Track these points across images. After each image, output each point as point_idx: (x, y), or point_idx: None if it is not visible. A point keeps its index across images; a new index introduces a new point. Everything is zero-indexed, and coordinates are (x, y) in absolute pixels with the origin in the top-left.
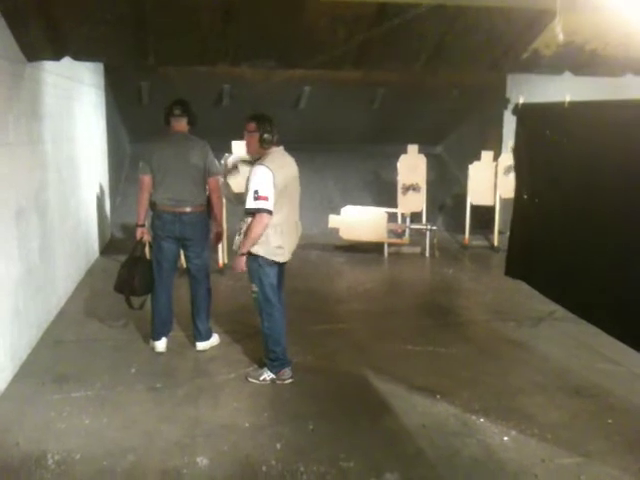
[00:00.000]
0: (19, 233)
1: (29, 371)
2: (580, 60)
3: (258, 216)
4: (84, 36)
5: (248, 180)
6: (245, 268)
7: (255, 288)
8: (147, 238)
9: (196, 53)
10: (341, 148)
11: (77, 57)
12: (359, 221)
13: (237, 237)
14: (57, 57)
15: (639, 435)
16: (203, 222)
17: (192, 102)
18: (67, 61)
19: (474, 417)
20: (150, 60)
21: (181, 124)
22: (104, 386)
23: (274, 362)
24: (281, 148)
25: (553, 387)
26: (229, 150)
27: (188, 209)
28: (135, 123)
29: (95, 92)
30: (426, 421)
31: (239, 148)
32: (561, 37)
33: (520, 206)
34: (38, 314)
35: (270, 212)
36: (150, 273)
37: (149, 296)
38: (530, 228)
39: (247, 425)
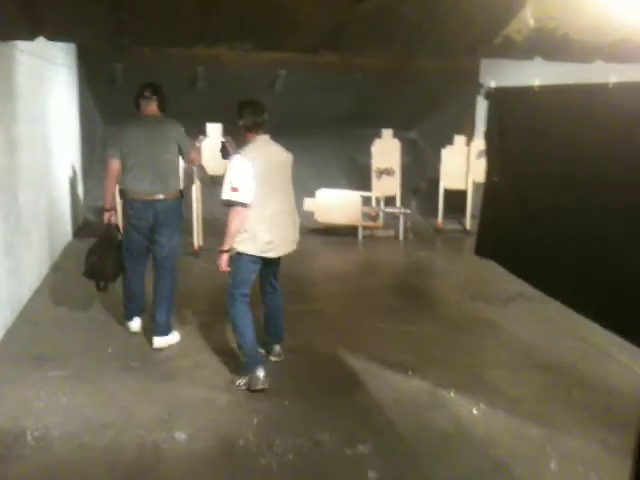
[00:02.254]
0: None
1: (5, 352)
2: (551, 45)
3: (233, 210)
4: (59, 16)
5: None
6: (228, 268)
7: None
8: (114, 221)
9: (172, 34)
10: (317, 132)
11: (52, 37)
12: (334, 204)
13: None
14: (31, 37)
15: (603, 408)
16: (177, 209)
17: (166, 84)
18: (40, 41)
19: (444, 392)
20: (125, 41)
21: (152, 107)
22: (81, 365)
23: (245, 358)
24: (266, 137)
25: (521, 363)
26: (204, 133)
27: (162, 196)
28: (108, 105)
29: (67, 73)
30: (398, 396)
31: (214, 130)
32: (532, 22)
33: (490, 188)
34: (12, 295)
35: (245, 205)
36: (121, 257)
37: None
38: (500, 209)
39: (224, 402)
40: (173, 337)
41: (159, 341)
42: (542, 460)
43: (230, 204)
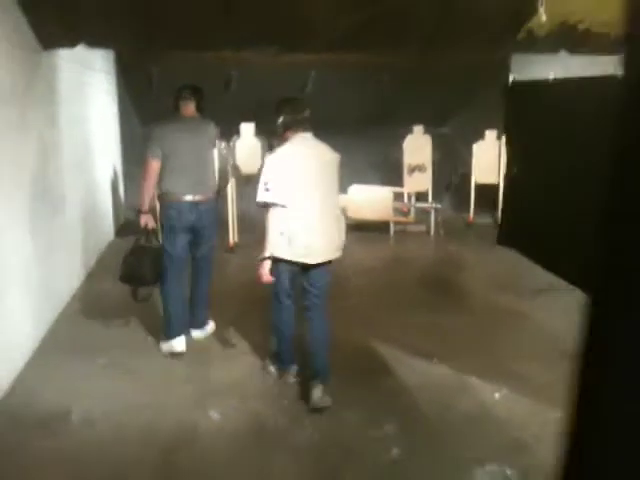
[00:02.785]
0: (40, 211)
1: (50, 344)
2: (574, 39)
3: (269, 212)
4: (97, 25)
5: None
6: (269, 277)
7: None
8: (152, 225)
9: (200, 41)
10: (349, 131)
11: (90, 45)
12: (365, 200)
13: None
14: (72, 45)
15: None
16: (216, 209)
17: (200, 87)
18: (80, 49)
19: (470, 378)
20: (157, 46)
21: (190, 108)
22: (123, 354)
23: (278, 357)
24: (306, 134)
25: (549, 353)
26: (237, 133)
27: (204, 197)
28: (145, 108)
29: (106, 78)
30: (424, 381)
31: (247, 130)
32: (544, 18)
33: (510, 179)
34: (59, 290)
35: (280, 205)
36: (159, 262)
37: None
38: (520, 200)
39: (256, 386)
40: (210, 327)
41: (197, 333)
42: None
43: (265, 206)
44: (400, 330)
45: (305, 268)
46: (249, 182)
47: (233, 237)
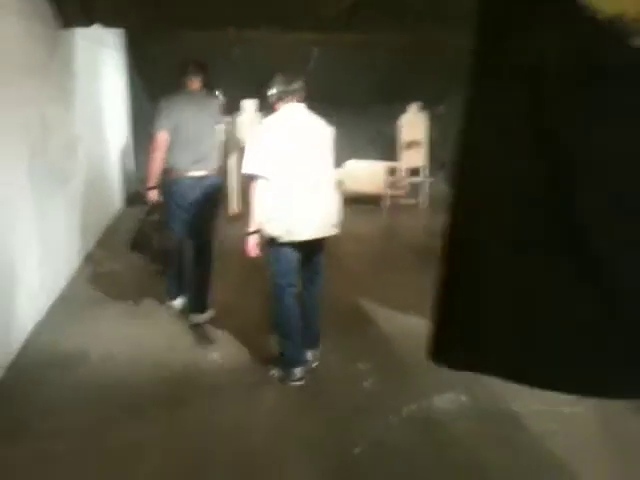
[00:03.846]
0: (59, 174)
1: (69, 296)
2: None
3: (255, 182)
4: (110, 6)
5: None
6: (257, 251)
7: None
8: (159, 199)
9: (206, 19)
10: (348, 108)
11: (105, 25)
12: (360, 174)
13: None
14: (88, 24)
15: None
16: (220, 185)
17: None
18: (95, 28)
19: None
20: (165, 26)
21: (196, 83)
22: (136, 304)
23: (282, 357)
24: (296, 105)
25: None
26: (239, 109)
27: (209, 173)
28: (153, 83)
29: (116, 54)
30: (401, 330)
31: (249, 106)
32: None
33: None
34: (74, 250)
35: (265, 178)
36: (168, 237)
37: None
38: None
39: (253, 332)
40: (209, 314)
41: (197, 318)
42: None
43: (250, 177)
44: (384, 288)
45: (301, 246)
46: None
47: (238, 206)
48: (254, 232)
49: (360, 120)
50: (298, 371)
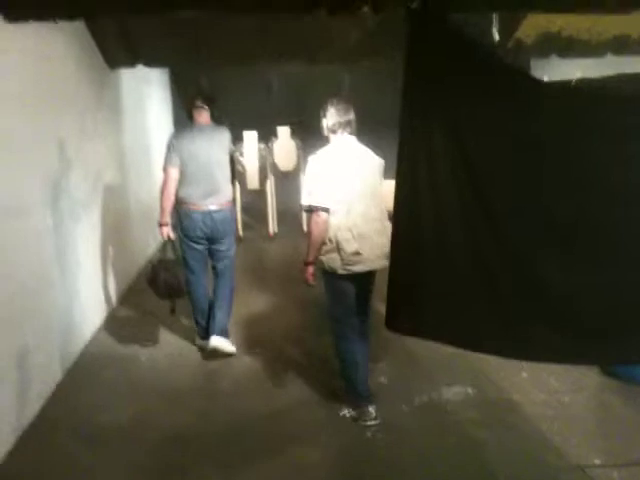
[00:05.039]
0: (109, 202)
1: (125, 305)
2: (560, 45)
3: (314, 214)
4: (152, 48)
5: None
6: (313, 281)
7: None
8: (173, 236)
9: (240, 58)
10: (383, 129)
11: (147, 64)
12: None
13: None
14: (132, 65)
15: None
16: (232, 218)
17: (244, 93)
18: (139, 68)
19: None
20: (203, 64)
21: (204, 116)
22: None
23: (348, 394)
24: (348, 138)
25: None
26: (275, 135)
27: (219, 206)
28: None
29: (162, 90)
30: None
31: (283, 132)
32: (497, 36)
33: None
34: (127, 264)
35: (324, 209)
36: (176, 274)
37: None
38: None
39: (279, 334)
40: (230, 345)
41: (216, 340)
42: (514, 369)
43: (309, 210)
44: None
45: (355, 278)
46: (286, 178)
47: (273, 227)
48: (311, 263)
49: (392, 141)
50: (372, 409)
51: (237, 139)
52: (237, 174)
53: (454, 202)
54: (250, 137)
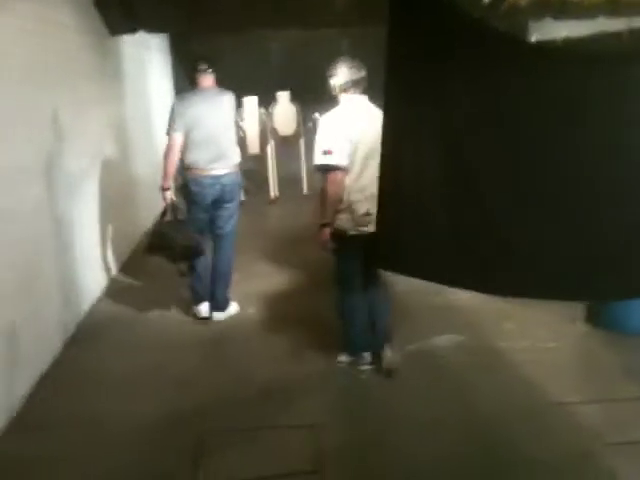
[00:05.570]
0: (111, 170)
1: (128, 269)
2: (554, 8)
3: (329, 176)
4: (152, 14)
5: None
6: (329, 243)
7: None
8: (175, 200)
9: (236, 24)
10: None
11: (147, 31)
12: None
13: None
14: (133, 31)
15: None
16: (239, 183)
17: (243, 60)
18: (140, 33)
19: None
20: (201, 30)
21: (208, 80)
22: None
23: (346, 344)
24: (361, 97)
25: None
26: (275, 100)
27: (227, 170)
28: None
29: (162, 56)
30: (411, 287)
31: (283, 97)
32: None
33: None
34: (129, 232)
35: (342, 169)
36: (186, 236)
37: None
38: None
39: (282, 292)
40: (232, 308)
41: (218, 315)
42: (502, 320)
43: (325, 169)
44: None
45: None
46: (286, 143)
47: (274, 191)
48: (327, 224)
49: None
50: (368, 356)
51: (237, 105)
52: (238, 139)
53: (434, 161)
54: (250, 102)
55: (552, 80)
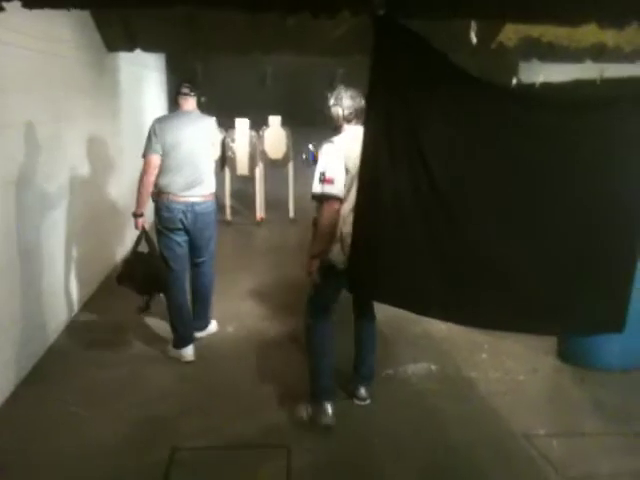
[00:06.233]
0: (112, 175)
1: (95, 304)
2: (541, 50)
3: (325, 205)
4: (150, 34)
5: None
6: (316, 276)
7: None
8: (147, 227)
9: (233, 47)
10: None
11: (145, 49)
12: None
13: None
14: (130, 49)
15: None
16: (214, 211)
17: (238, 82)
18: (137, 52)
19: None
20: (199, 51)
21: (190, 103)
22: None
23: (312, 386)
24: (357, 126)
25: None
26: (266, 124)
27: (202, 198)
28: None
29: (158, 74)
30: (390, 315)
31: (274, 121)
32: (475, 40)
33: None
34: (102, 262)
35: (340, 199)
36: (155, 269)
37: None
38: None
39: (260, 312)
40: (212, 327)
41: (198, 333)
42: (476, 351)
43: (322, 198)
44: None
45: None
46: (275, 166)
47: (260, 212)
48: (318, 256)
49: None
50: (329, 409)
51: (229, 126)
52: (227, 160)
53: (410, 189)
54: (242, 124)
55: (524, 119)
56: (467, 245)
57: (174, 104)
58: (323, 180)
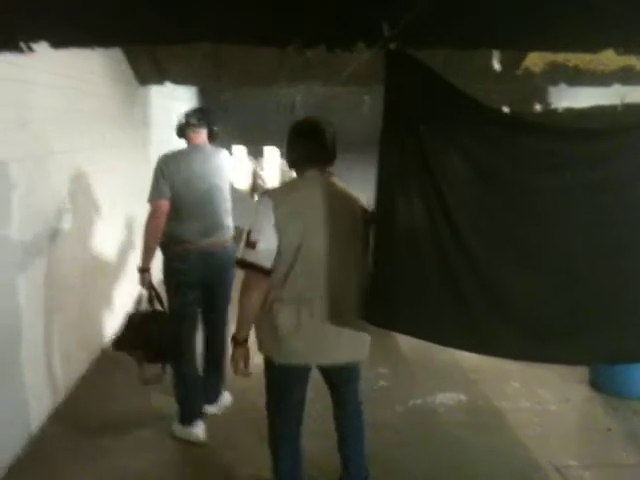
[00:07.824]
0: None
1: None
2: (567, 75)
3: (246, 273)
4: (179, 68)
5: None
6: (246, 369)
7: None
8: (153, 284)
9: (258, 79)
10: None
11: (174, 82)
12: None
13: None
14: (160, 82)
15: None
16: (233, 259)
17: (267, 112)
18: (167, 85)
19: None
20: (224, 83)
21: (201, 136)
22: None
23: None
24: (317, 174)
25: None
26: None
27: (221, 245)
28: (221, 128)
29: (189, 106)
30: (415, 343)
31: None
32: (498, 67)
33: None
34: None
35: (265, 271)
36: (167, 332)
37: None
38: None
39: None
40: (225, 400)
41: (211, 409)
42: (505, 379)
43: (244, 267)
44: None
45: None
46: None
47: None
48: (242, 342)
49: None
50: None
51: (258, 154)
52: (258, 187)
53: (426, 222)
54: (270, 152)
55: (542, 150)
56: (488, 280)
57: (182, 138)
58: (247, 242)
